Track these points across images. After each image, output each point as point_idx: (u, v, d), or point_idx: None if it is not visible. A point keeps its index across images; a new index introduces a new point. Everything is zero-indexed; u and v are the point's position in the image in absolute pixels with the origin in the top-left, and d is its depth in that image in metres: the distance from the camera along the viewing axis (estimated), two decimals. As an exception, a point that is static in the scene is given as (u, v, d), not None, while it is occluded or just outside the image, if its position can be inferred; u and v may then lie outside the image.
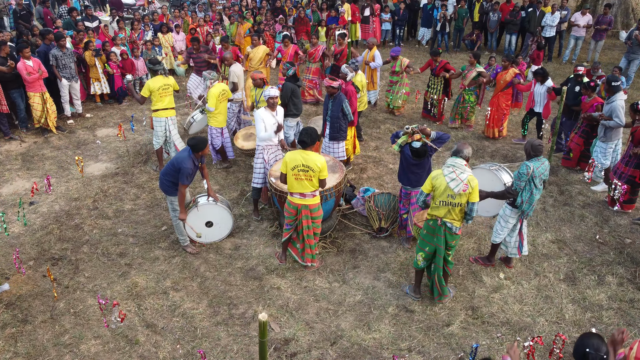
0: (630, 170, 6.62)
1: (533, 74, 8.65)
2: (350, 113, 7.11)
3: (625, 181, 6.64)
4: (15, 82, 8.80)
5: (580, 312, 5.23)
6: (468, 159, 4.91)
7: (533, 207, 5.36)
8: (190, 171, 5.63)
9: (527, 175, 5.15)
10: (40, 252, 6.19)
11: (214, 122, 7.73)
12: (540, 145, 5.19)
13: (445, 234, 4.95)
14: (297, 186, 5.41)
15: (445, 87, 9.72)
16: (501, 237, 5.62)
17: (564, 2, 13.49)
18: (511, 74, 8.75)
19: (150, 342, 4.89)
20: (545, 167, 5.25)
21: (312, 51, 10.63)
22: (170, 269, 5.91)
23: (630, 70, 11.66)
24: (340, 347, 4.83)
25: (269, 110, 6.46)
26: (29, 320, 5.14)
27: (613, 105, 6.92)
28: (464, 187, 4.72)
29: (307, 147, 5.37)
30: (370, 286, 5.62)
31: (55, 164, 8.39)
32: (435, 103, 9.85)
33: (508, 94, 8.95)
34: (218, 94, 7.50)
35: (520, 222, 5.51)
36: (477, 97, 9.42)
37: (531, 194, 5.26)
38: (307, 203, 5.47)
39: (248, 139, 8.10)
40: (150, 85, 7.35)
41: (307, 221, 5.57)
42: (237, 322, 5.14)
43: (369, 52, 10.02)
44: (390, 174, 8.08)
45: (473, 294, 5.47)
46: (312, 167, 5.28)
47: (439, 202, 4.87)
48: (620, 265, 5.90)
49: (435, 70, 9.57)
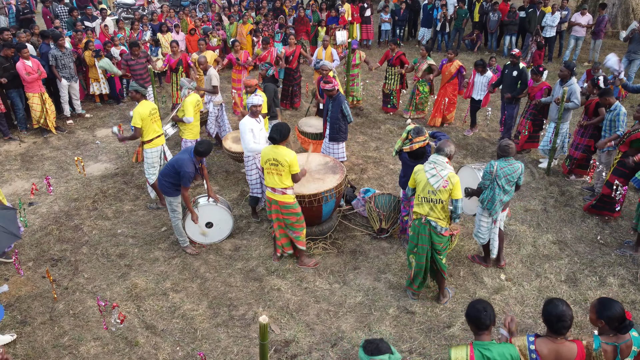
0: (585, 140, 7.39)
1: (474, 65, 9.08)
2: (349, 114, 7.08)
3: (582, 151, 7.43)
4: (14, 82, 8.78)
5: (581, 313, 5.21)
6: (450, 156, 4.92)
7: (496, 206, 5.36)
8: (191, 174, 5.63)
9: (490, 174, 5.25)
10: (40, 253, 6.17)
11: (189, 134, 7.34)
12: (507, 146, 5.24)
13: (430, 233, 4.94)
14: (269, 180, 5.49)
15: (401, 78, 10.19)
16: (482, 236, 5.63)
17: (564, 2, 13.48)
18: (455, 66, 9.31)
19: (150, 344, 4.87)
20: (514, 169, 5.23)
21: (264, 55, 9.99)
22: (170, 270, 5.89)
23: (630, 70, 11.64)
24: (340, 349, 4.81)
25: (253, 117, 6.32)
26: (28, 322, 5.12)
27: (571, 88, 7.46)
28: (444, 183, 4.75)
29: (276, 142, 5.38)
30: (370, 287, 5.60)
31: (55, 164, 8.37)
32: (394, 93, 10.26)
33: (454, 84, 9.51)
34: (194, 104, 7.18)
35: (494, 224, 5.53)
36: (431, 87, 9.94)
37: (493, 194, 5.30)
38: (277, 199, 5.51)
39: (237, 142, 7.55)
40: (141, 112, 6.45)
41: (277, 215, 5.63)
42: (237, 324, 5.12)
43: (324, 52, 10.03)
44: (390, 174, 8.06)
45: (474, 296, 5.45)
46: (281, 161, 5.31)
47: (420, 199, 4.92)
48: (622, 267, 5.88)
49: (392, 61, 10.01)
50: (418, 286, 5.28)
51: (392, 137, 9.44)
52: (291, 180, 5.48)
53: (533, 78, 8.16)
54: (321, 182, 6.04)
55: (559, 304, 3.15)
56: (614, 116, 6.70)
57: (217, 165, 8.33)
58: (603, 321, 3.25)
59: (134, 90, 6.53)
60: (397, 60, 9.96)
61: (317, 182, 6.02)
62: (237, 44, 10.02)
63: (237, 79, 10.07)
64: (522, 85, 8.42)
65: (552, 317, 3.14)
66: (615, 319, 3.21)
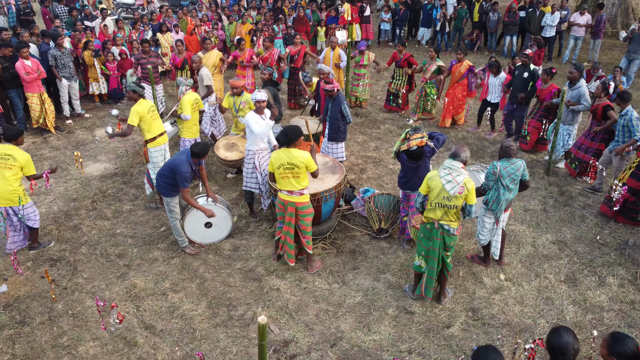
0: (596, 145, 7.40)
1: (488, 66, 9.04)
2: (349, 114, 7.08)
3: (592, 154, 7.43)
4: (13, 82, 8.77)
5: (581, 313, 5.21)
6: (466, 162, 4.90)
7: (501, 206, 5.38)
8: (188, 175, 5.61)
9: (494, 175, 5.25)
10: (39, 252, 6.16)
11: (188, 133, 7.25)
12: (509, 147, 5.25)
13: (443, 236, 4.95)
14: (284, 184, 5.42)
15: (409, 79, 10.15)
16: (484, 237, 5.64)
17: (563, 2, 13.48)
18: (465, 66, 9.24)
19: (149, 344, 4.86)
20: (517, 167, 5.27)
21: (266, 56, 9.86)
22: (169, 270, 5.88)
23: (630, 70, 11.65)
24: (340, 349, 4.80)
25: (258, 113, 6.32)
26: (27, 322, 5.11)
27: (580, 90, 7.45)
28: (459, 189, 4.72)
29: (286, 145, 5.31)
30: (370, 287, 5.59)
31: (54, 164, 8.36)
32: (400, 94, 10.24)
33: (463, 85, 9.44)
34: (192, 102, 7.10)
35: (497, 224, 5.53)
36: (438, 90, 9.86)
37: (498, 194, 5.32)
38: (294, 200, 5.46)
39: (231, 149, 7.41)
40: (139, 111, 6.34)
41: (291, 218, 5.52)
42: (237, 324, 5.11)
43: (332, 52, 10.05)
44: (390, 174, 8.06)
45: (473, 296, 5.45)
46: (297, 163, 5.26)
47: (434, 204, 4.87)
48: (621, 267, 5.87)
49: (400, 62, 9.99)
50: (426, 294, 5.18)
51: (391, 137, 9.44)
52: (308, 180, 5.44)
53: (543, 79, 8.13)
54: (320, 182, 6.03)
55: (564, 335, 3.02)
56: (627, 121, 6.68)
57: (217, 165, 8.32)
58: (615, 358, 3.05)
59: (131, 91, 6.50)
60: (405, 62, 9.93)
61: (316, 181, 6.01)
62: (242, 43, 10.01)
63: (241, 75, 10.09)
64: (533, 87, 8.37)
65: (556, 349, 3.03)
66: (628, 356, 3.02)
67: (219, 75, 10.01)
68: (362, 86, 10.40)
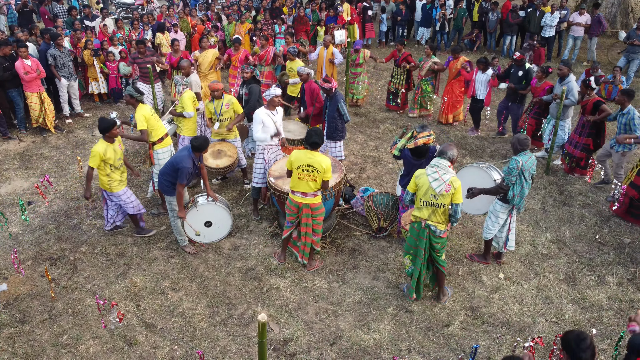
0: (584, 140, 7.49)
1: (476, 62, 9.09)
2: (346, 113, 7.09)
3: (581, 149, 7.53)
4: (13, 81, 8.77)
5: (580, 312, 5.22)
6: (453, 160, 4.92)
7: (524, 200, 5.45)
8: (189, 170, 5.62)
9: (517, 170, 5.25)
10: (39, 252, 6.17)
11: (187, 130, 7.17)
12: (526, 139, 5.30)
13: (429, 237, 4.96)
14: (300, 185, 5.41)
15: (407, 77, 10.20)
16: (492, 233, 5.66)
17: (563, 2, 13.49)
18: (461, 61, 9.37)
19: (148, 343, 4.87)
20: (533, 161, 5.33)
21: (262, 54, 9.91)
22: (169, 269, 5.89)
23: (630, 70, 11.66)
24: (339, 348, 4.81)
25: (269, 109, 6.42)
26: (27, 321, 5.11)
27: (569, 85, 7.60)
28: (446, 187, 4.74)
29: (310, 147, 5.32)
30: (369, 286, 5.60)
31: (54, 163, 8.36)
32: (399, 92, 10.29)
33: (461, 81, 9.55)
34: (192, 99, 7.07)
35: (510, 217, 5.58)
36: (434, 86, 9.96)
37: (522, 188, 5.34)
38: (308, 202, 5.47)
39: (219, 156, 7.13)
40: (145, 114, 6.32)
41: (307, 219, 5.56)
42: (236, 323, 5.12)
43: (325, 50, 10.16)
44: (389, 173, 8.06)
45: (473, 294, 5.46)
46: (317, 168, 5.27)
47: (422, 203, 4.89)
48: (620, 266, 5.89)
49: (398, 61, 10.04)
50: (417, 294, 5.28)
51: (391, 136, 9.45)
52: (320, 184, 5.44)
53: (537, 77, 8.27)
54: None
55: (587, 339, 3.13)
56: (629, 120, 6.74)
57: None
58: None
59: (129, 95, 6.38)
60: (403, 61, 10.01)
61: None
62: (238, 43, 10.01)
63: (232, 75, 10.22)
64: (527, 85, 8.52)
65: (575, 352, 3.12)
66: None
67: (216, 73, 10.08)
68: (358, 84, 10.43)
